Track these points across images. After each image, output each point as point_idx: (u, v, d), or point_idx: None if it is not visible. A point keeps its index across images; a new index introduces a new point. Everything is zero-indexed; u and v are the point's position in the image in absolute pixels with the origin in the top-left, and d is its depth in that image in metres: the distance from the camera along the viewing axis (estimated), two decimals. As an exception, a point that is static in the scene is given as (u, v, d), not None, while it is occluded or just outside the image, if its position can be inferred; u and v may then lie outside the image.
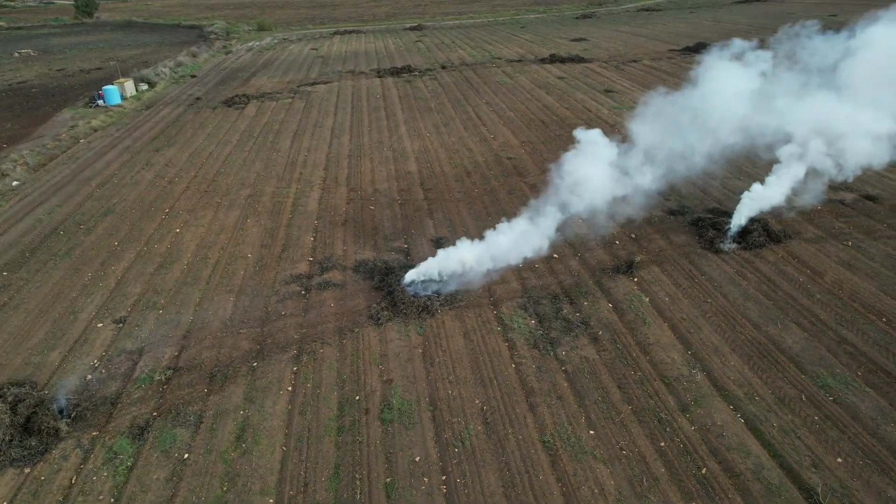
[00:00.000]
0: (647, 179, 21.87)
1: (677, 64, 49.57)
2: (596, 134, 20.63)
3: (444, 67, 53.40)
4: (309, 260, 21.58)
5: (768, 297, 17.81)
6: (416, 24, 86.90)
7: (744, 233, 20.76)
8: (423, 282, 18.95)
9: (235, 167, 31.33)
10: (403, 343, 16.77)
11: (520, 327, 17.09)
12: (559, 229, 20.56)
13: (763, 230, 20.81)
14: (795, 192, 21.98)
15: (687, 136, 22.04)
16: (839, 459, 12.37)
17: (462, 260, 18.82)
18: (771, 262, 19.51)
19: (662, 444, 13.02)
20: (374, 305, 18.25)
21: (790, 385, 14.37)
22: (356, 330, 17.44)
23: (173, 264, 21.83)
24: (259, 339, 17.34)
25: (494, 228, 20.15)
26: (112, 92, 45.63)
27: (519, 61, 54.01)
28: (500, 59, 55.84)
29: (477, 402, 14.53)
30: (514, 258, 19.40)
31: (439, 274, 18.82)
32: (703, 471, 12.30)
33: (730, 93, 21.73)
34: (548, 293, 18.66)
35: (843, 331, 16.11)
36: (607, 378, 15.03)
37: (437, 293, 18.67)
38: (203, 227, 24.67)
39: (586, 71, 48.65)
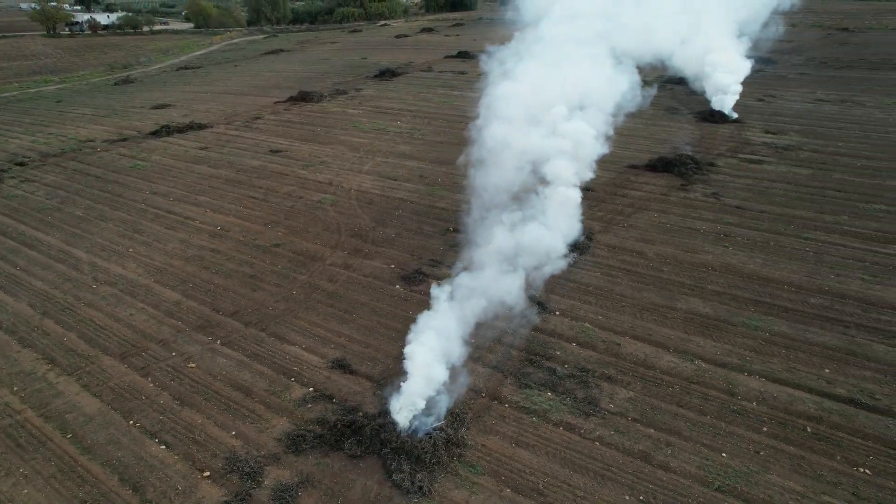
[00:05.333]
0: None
1: (299, 113, 50.30)
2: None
3: (21, 164, 39.41)
4: (205, 476, 13.87)
5: (644, 282, 21.32)
6: None
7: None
8: (416, 416, 14.86)
9: None
10: (483, 496, 13.11)
11: (550, 407, 15.60)
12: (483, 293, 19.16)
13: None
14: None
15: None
16: (826, 370, 16.48)
17: (438, 366, 15.59)
18: (610, 256, 23.21)
19: (765, 428, 14.57)
20: (399, 476, 13.39)
21: (745, 338, 17.97)
22: (414, 518, 12.58)
23: None
24: None
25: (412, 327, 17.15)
26: None
27: (123, 140, 44.51)
28: (92, 140, 44.66)
29: (627, 497, 12.88)
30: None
31: (434, 395, 15.13)
32: (809, 429, 14.46)
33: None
34: (521, 361, 17.44)
35: (708, 286, 20.88)
36: (665, 405, 15.51)
37: (438, 419, 15.02)
38: None
39: (220, 137, 44.17)
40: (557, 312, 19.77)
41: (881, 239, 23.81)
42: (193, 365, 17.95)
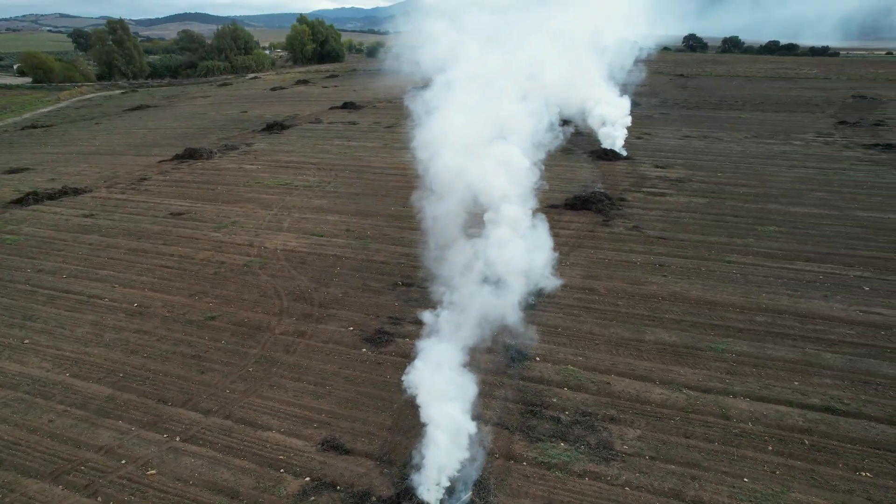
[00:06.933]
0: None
1: (191, 172, 46.78)
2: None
3: None
4: None
5: (607, 318, 21.94)
6: None
7: (528, 284, 24.01)
8: (444, 488, 13.70)
9: None
10: (537, 566, 12.25)
11: (569, 458, 15.20)
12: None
13: (532, 277, 24.63)
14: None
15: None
16: (795, 383, 17.84)
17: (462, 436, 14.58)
18: (565, 295, 23.69)
19: (770, 447, 15.29)
20: (445, 563, 12.16)
21: (717, 361, 19.01)
22: None
23: None
24: None
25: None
26: None
27: (-23, 211, 38.26)
28: (-65, 215, 37.81)
29: (678, 541, 12.73)
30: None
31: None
32: (806, 442, 15.40)
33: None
34: (522, 413, 16.93)
35: (665, 315, 21.97)
36: (673, 438, 15.78)
37: (463, 491, 13.99)
38: None
39: (105, 202, 39.54)
40: (538, 358, 19.62)
41: (786, 257, 26.76)
42: (153, 472, 15.22)
